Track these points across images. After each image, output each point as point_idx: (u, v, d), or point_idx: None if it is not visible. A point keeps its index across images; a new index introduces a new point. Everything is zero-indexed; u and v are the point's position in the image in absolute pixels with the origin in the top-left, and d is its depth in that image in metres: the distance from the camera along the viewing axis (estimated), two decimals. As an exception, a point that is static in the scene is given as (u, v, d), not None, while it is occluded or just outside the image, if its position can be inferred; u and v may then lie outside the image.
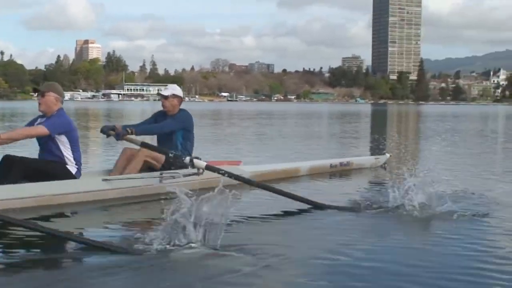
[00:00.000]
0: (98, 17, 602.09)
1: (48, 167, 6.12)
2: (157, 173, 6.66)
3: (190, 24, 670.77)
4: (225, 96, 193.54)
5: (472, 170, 9.51)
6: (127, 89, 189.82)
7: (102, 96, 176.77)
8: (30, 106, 68.20)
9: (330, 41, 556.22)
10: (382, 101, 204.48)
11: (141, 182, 6.49)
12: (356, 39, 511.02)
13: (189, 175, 6.54)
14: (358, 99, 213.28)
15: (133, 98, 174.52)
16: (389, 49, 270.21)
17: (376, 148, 13.98)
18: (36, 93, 6.31)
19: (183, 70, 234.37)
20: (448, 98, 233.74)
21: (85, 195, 6.13)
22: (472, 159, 11.74)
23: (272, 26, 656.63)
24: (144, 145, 6.53)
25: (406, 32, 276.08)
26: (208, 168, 6.29)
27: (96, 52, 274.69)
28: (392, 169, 8.69)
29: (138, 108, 68.35)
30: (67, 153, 6.22)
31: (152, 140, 7.23)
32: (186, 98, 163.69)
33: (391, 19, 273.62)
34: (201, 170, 6.39)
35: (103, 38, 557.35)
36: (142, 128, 6.89)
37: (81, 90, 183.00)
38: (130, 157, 6.73)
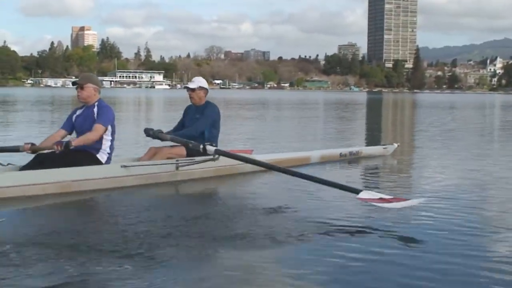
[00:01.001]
0: (96, 4, 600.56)
1: (79, 156, 6.22)
2: (173, 160, 6.86)
3: (187, 11, 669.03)
4: (218, 84, 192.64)
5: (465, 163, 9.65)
6: (120, 76, 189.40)
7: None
8: (21, 92, 70.60)
9: (327, 29, 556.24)
10: (376, 89, 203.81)
11: (158, 169, 6.69)
12: (354, 26, 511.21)
13: (205, 161, 6.85)
14: (352, 87, 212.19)
15: (125, 85, 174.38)
16: (385, 36, 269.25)
17: (374, 138, 14.57)
18: (74, 86, 6.50)
19: (176, 57, 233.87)
20: (444, 86, 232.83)
21: (104, 181, 6.25)
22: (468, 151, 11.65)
23: (270, 13, 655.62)
24: (173, 139, 6.88)
25: (402, 19, 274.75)
26: (219, 152, 6.60)
27: (92, 39, 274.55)
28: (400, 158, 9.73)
29: (129, 95, 67.80)
30: (107, 140, 6.43)
31: None
32: (178, 86, 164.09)
33: (387, 6, 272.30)
34: (216, 156, 6.68)
35: (101, 26, 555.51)
36: (177, 135, 7.10)
37: (74, 77, 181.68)
38: (155, 154, 7.02)
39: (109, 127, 6.44)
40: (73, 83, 6.55)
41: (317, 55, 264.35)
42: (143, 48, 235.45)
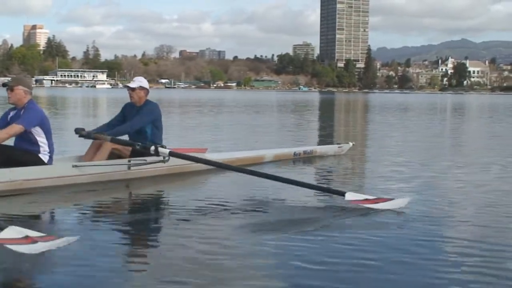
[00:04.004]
0: (55, 2, 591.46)
1: (22, 156, 6.41)
2: (125, 160, 7.01)
3: (147, 10, 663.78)
4: (163, 83, 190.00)
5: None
6: (61, 75, 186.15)
7: (35, 83, 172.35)
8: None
9: (287, 29, 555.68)
10: (326, 89, 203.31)
11: (110, 169, 6.84)
12: (314, 26, 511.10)
13: (156, 162, 6.95)
14: (301, 87, 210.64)
15: (66, 84, 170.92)
16: (337, 36, 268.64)
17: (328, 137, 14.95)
18: (5, 87, 6.61)
19: (123, 56, 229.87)
20: (395, 86, 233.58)
21: (56, 180, 6.41)
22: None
23: (231, 12, 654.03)
24: (113, 140, 6.93)
25: (354, 19, 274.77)
26: (172, 154, 6.79)
27: (44, 37, 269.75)
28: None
29: (57, 94, 65.76)
30: (42, 142, 6.52)
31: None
32: (120, 85, 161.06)
33: (338, 6, 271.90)
34: (167, 158, 6.83)
35: (59, 24, 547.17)
36: (113, 132, 7.09)
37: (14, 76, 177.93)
38: (99, 147, 7.05)
39: (38, 129, 6.50)
40: (3, 85, 6.77)
41: (273, 55, 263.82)
42: (91, 47, 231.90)
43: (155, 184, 6.94)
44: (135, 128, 7.20)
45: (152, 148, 6.72)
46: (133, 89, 7.35)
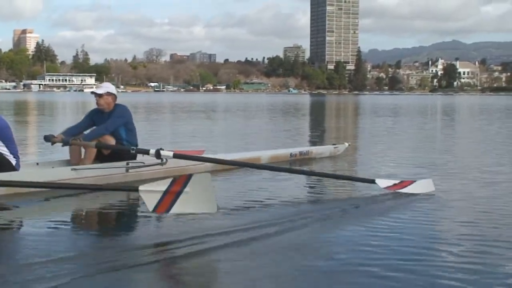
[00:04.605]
0: (46, 6, 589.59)
1: None
2: (123, 163, 7.05)
3: (138, 14, 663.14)
4: (152, 87, 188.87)
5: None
6: (49, 80, 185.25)
7: (23, 87, 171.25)
8: None
9: (279, 31, 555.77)
10: (316, 91, 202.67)
11: (108, 172, 6.89)
12: (305, 29, 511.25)
13: (154, 164, 7.01)
14: (291, 89, 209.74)
15: (54, 89, 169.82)
16: (327, 38, 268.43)
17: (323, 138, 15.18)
18: None
19: (112, 60, 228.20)
20: (385, 88, 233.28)
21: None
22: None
23: (222, 15, 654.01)
24: (99, 146, 6.98)
25: (344, 21, 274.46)
26: (177, 156, 6.90)
27: (34, 42, 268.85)
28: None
29: (44, 99, 66.84)
30: (3, 149, 6.47)
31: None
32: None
33: (328, 8, 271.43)
34: (165, 160, 6.90)
35: (50, 29, 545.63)
36: (89, 135, 7.14)
37: (4, 81, 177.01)
38: (79, 149, 7.12)
39: None
40: None
41: (264, 58, 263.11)
42: (80, 51, 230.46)
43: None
44: (111, 130, 7.18)
45: (153, 151, 6.79)
46: (100, 95, 7.33)
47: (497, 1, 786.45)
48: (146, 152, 6.86)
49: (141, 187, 4.84)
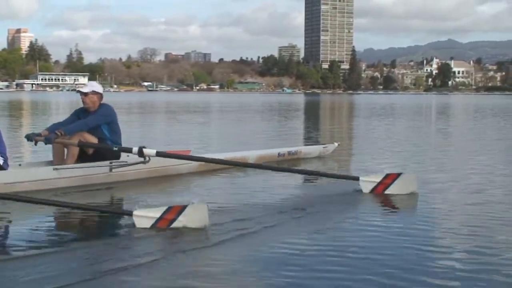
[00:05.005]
0: (41, 6, 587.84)
1: None
2: (106, 163, 7.03)
3: (134, 13, 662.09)
4: (146, 86, 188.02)
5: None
6: (42, 79, 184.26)
7: (15, 86, 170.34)
8: None
9: (274, 31, 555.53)
10: (310, 91, 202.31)
11: (91, 171, 6.90)
12: (300, 28, 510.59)
13: (137, 163, 6.99)
14: (285, 88, 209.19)
15: (47, 88, 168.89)
16: (322, 37, 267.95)
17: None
18: None
19: (105, 59, 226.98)
20: (380, 87, 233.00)
21: (38, 184, 6.40)
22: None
23: (219, 15, 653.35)
24: (81, 144, 6.94)
25: (338, 20, 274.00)
26: (160, 154, 6.84)
27: (28, 41, 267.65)
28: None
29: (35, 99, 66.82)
30: None
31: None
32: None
33: (323, 7, 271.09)
34: (147, 159, 6.86)
35: (46, 28, 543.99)
36: (69, 128, 7.06)
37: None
38: (62, 148, 7.08)
39: None
40: None
41: (259, 57, 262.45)
42: (74, 50, 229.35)
43: (137, 186, 7.05)
44: (90, 126, 7.14)
45: (136, 149, 6.75)
46: (85, 94, 7.31)
47: (493, 0, 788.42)
48: (129, 150, 6.82)
49: (135, 212, 4.90)
